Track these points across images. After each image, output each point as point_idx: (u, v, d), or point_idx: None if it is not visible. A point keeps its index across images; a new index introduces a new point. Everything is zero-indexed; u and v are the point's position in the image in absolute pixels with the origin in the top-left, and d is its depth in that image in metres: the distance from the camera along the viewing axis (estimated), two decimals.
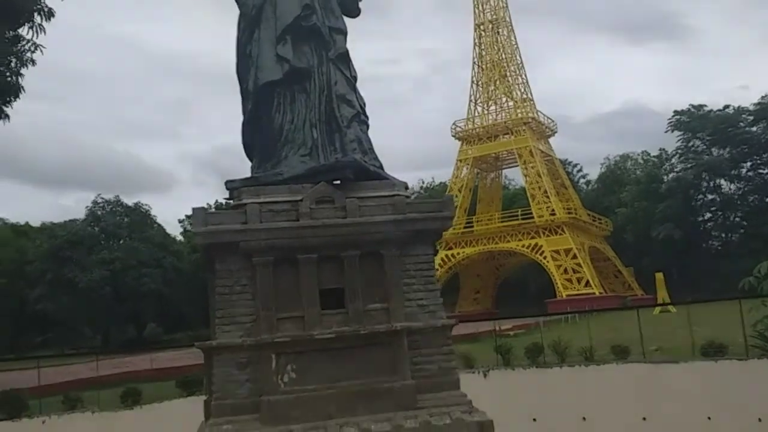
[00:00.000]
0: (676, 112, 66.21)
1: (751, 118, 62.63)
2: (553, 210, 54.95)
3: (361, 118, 8.88)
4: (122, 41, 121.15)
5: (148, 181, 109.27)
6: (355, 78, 9.05)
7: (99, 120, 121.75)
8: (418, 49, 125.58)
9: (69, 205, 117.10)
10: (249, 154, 9.01)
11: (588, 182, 78.85)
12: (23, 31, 17.46)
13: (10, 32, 17.50)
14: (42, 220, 62.11)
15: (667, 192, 61.32)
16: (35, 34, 17.26)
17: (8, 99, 18.26)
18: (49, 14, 17.34)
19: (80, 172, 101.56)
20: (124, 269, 50.12)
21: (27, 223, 63.95)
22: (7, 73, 18.03)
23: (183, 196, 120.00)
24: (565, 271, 52.40)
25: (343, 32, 8.97)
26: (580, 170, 79.48)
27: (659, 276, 42.33)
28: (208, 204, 70.54)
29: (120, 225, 54.34)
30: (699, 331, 19.70)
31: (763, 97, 62.55)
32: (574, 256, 52.44)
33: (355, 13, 9.38)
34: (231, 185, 8.78)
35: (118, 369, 22.45)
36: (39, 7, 17.04)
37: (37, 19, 17.20)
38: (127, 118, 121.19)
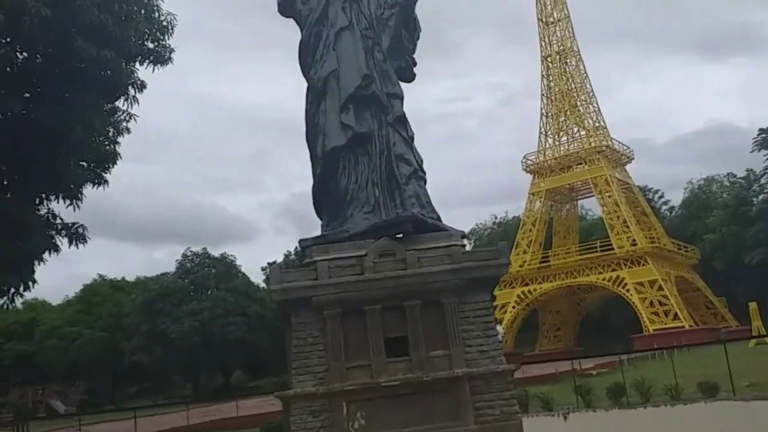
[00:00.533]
0: (761, 130, 63.12)
1: None
2: (634, 240, 53.30)
3: (418, 174, 9.54)
4: (205, 99, 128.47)
5: (232, 231, 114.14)
6: (411, 137, 9.74)
7: (185, 176, 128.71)
8: (485, 83, 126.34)
9: (160, 258, 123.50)
10: (319, 214, 9.81)
11: (671, 208, 75.98)
12: (119, 103, 19.14)
13: (108, 105, 19.26)
14: (136, 275, 66.08)
15: (757, 215, 58.19)
16: (130, 105, 18.87)
17: (107, 166, 19.93)
18: (142, 86, 18.96)
19: (169, 227, 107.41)
20: (211, 319, 52.45)
21: (123, 279, 68.12)
22: (106, 143, 19.69)
23: (265, 243, 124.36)
24: (651, 303, 50.45)
25: (400, 97, 9.72)
26: (661, 196, 76.80)
27: (753, 305, 40.25)
28: (288, 251, 72.72)
29: (208, 276, 57.08)
30: None
31: None
32: (660, 288, 50.47)
33: (410, 78, 10.15)
34: (303, 244, 9.60)
35: (206, 417, 23.59)
36: (132, 81, 18.69)
37: (131, 91, 18.80)
38: (210, 172, 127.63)
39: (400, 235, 8.98)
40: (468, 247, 9.90)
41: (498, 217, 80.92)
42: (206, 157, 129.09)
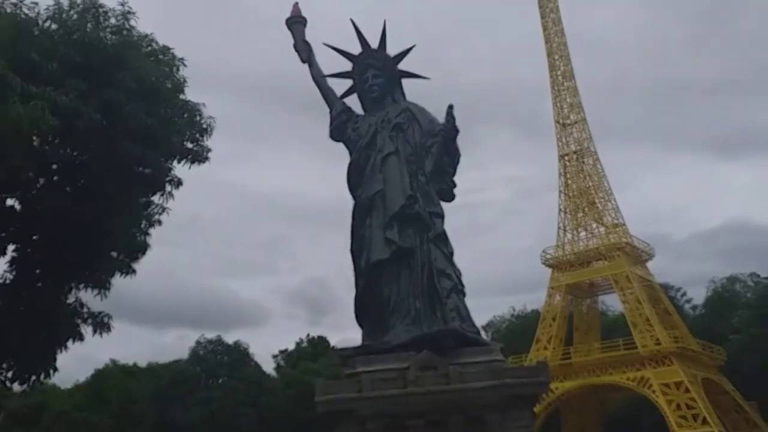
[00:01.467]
0: None
1: None
2: (657, 339, 52.27)
3: (458, 288, 9.98)
4: (228, 186, 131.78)
5: (243, 316, 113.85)
6: (452, 253, 10.27)
7: (203, 259, 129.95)
8: (503, 176, 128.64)
9: (170, 342, 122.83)
10: (360, 323, 10.21)
11: (694, 307, 74.81)
12: (155, 197, 19.70)
13: (143, 199, 19.84)
14: (146, 359, 65.57)
15: None
16: (165, 200, 19.38)
17: (137, 256, 20.33)
18: (179, 183, 19.61)
19: (181, 310, 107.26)
20: (222, 408, 51.60)
21: (135, 364, 67.66)
22: (138, 234, 20.14)
23: (275, 328, 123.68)
24: (678, 406, 48.77)
25: (441, 216, 10.38)
26: (684, 294, 75.73)
27: None
28: (300, 339, 72.23)
29: (220, 364, 56.69)
30: None
31: None
32: (687, 390, 48.94)
33: (450, 198, 10.86)
34: (344, 353, 9.95)
35: None
36: (170, 178, 19.40)
37: (168, 188, 19.41)
38: (227, 256, 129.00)
39: (449, 347, 9.29)
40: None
41: (516, 310, 79.95)
42: (224, 242, 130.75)
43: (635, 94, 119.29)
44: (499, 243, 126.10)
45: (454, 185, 10.85)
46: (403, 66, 11.43)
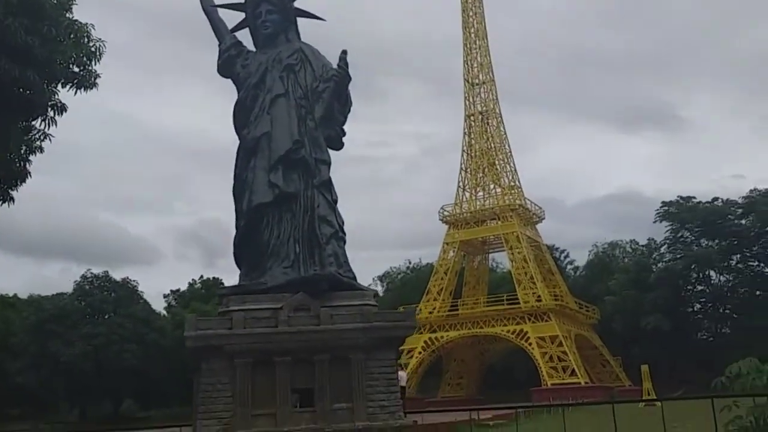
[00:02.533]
0: (663, 203, 67.65)
1: (740, 210, 63.77)
2: (539, 296, 55.58)
3: (339, 235, 10.22)
4: (122, 118, 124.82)
5: (134, 254, 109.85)
6: (335, 201, 10.45)
7: (92, 193, 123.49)
8: (411, 132, 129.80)
9: (52, 276, 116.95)
10: (239, 264, 10.26)
11: (576, 268, 79.81)
12: (36, 122, 18.76)
13: (23, 123, 18.86)
14: (27, 291, 62.64)
15: (656, 282, 61.66)
16: (47, 126, 18.51)
17: (15, 183, 19.39)
18: (62, 109, 18.68)
19: (64, 243, 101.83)
20: (106, 344, 50.50)
21: (15, 295, 64.45)
22: (17, 160, 19.19)
23: (167, 268, 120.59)
24: (551, 358, 52.47)
25: (327, 163, 10.47)
26: (567, 256, 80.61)
27: (645, 368, 42.52)
28: (192, 280, 71.10)
29: (106, 300, 55.16)
30: (677, 428, 20.19)
31: (751, 191, 64.20)
32: (560, 344, 52.65)
33: (338, 146, 10.94)
34: (220, 292, 10.04)
35: None
36: (53, 102, 18.44)
37: (50, 113, 18.48)
38: (120, 191, 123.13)
39: (319, 291, 9.58)
40: (380, 292, 10.65)
41: (412, 263, 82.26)
42: (116, 176, 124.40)
43: (546, 60, 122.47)
44: (403, 198, 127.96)
45: (344, 133, 10.94)
46: (304, 6, 11.25)
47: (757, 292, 61.70)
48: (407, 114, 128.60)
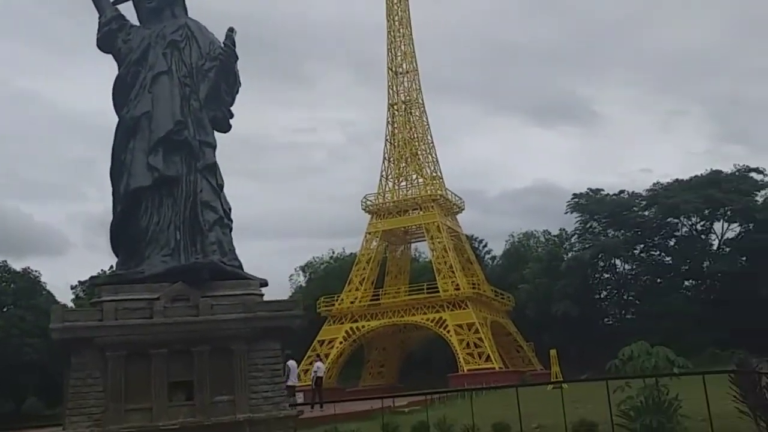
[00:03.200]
0: (575, 195, 70.54)
1: (644, 203, 67.54)
2: (457, 285, 56.72)
3: (224, 222, 9.81)
4: (30, 98, 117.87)
5: (40, 243, 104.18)
6: (221, 186, 10.02)
7: None
8: (337, 119, 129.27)
9: None
10: (116, 252, 9.69)
11: (493, 258, 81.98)
12: None
13: None
14: None
15: (565, 270, 64.37)
16: None
17: None
18: None
19: None
20: (5, 338, 47.78)
21: None
22: None
23: (76, 258, 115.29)
24: (467, 345, 53.73)
25: (212, 146, 10.01)
26: (486, 246, 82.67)
27: (553, 352, 44.21)
28: (102, 270, 68.42)
29: (5, 292, 52.22)
30: (580, 409, 20.97)
31: (654, 184, 68.08)
32: (476, 331, 53.96)
33: (225, 129, 10.48)
34: (95, 281, 9.43)
35: None
36: None
37: None
38: (23, 175, 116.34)
39: (204, 279, 9.15)
40: (302, 282, 10.29)
41: (335, 252, 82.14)
42: (20, 159, 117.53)
43: (468, 51, 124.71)
44: (328, 186, 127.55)
45: (231, 115, 10.50)
46: None
47: (658, 280, 65.45)
48: (334, 100, 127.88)
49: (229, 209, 10.11)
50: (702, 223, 64.97)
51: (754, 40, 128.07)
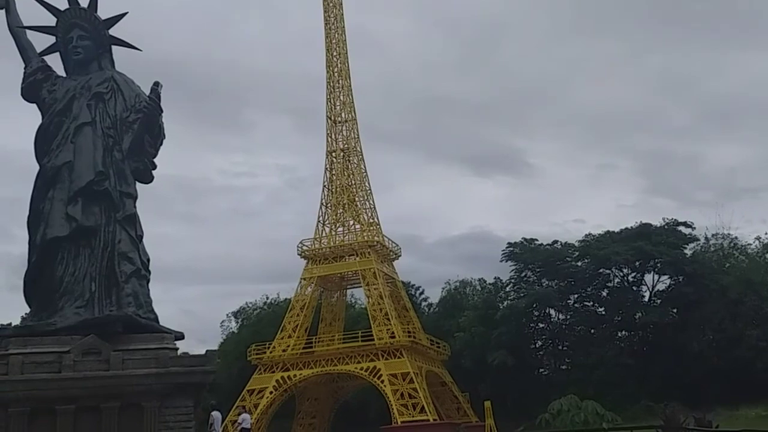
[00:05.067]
0: (509, 244, 71.88)
1: (576, 254, 69.16)
2: (393, 332, 56.46)
3: (141, 273, 9.72)
4: None
5: None
6: (140, 237, 9.96)
7: None
8: (276, 164, 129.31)
9: None
10: (29, 303, 9.43)
11: (430, 305, 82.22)
12: None
13: None
14: None
15: (501, 319, 64.72)
16: None
17: None
18: None
19: None
20: None
21: None
22: None
23: (2, 301, 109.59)
24: (402, 395, 53.18)
25: (133, 197, 10.00)
26: (422, 293, 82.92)
27: (487, 404, 44.31)
28: (25, 314, 65.21)
29: None
30: None
31: (586, 235, 70.18)
32: (411, 381, 53.54)
33: (147, 180, 10.50)
34: (2, 332, 9.12)
35: None
36: None
37: None
38: None
39: (118, 333, 9.00)
40: (234, 329, 10.06)
41: (269, 298, 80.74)
42: None
43: (406, 102, 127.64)
44: (265, 230, 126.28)
45: (154, 166, 10.53)
46: (116, 36, 10.69)
47: (591, 330, 66.74)
48: (272, 146, 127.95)
49: (148, 261, 10.04)
50: (633, 274, 66.75)
51: (677, 98, 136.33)
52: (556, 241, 71.23)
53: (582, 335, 67.15)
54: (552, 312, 69.40)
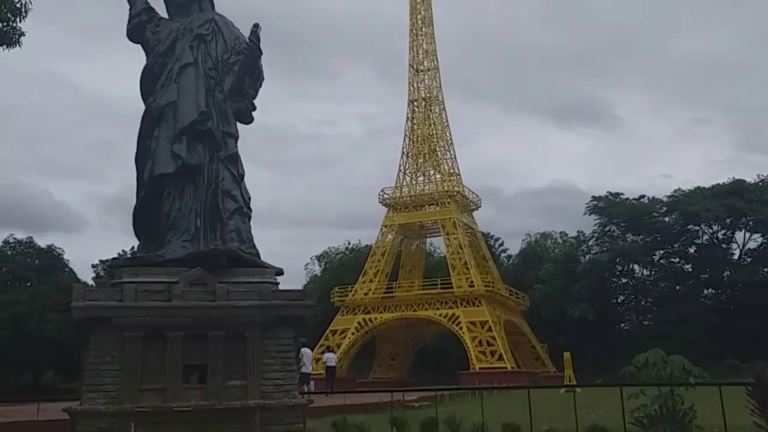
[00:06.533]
0: (594, 198, 69.95)
1: (664, 209, 66.71)
2: (472, 282, 56.71)
3: (243, 210, 10.03)
4: (56, 79, 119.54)
5: (59, 221, 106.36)
6: (242, 176, 10.24)
7: (16, 156, 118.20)
8: (357, 113, 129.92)
9: None
10: (138, 235, 9.97)
11: (509, 257, 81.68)
12: None
13: None
14: None
15: (582, 273, 63.84)
16: None
17: None
18: None
19: None
20: (27, 313, 48.82)
21: None
22: None
23: (94, 237, 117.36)
24: (480, 343, 53.74)
25: (235, 136, 10.24)
26: (501, 244, 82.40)
27: (567, 355, 43.94)
28: (123, 251, 69.92)
29: (30, 267, 53.27)
30: (592, 414, 20.83)
31: (675, 191, 67.26)
32: (489, 329, 53.94)
33: (248, 121, 10.70)
34: (115, 263, 9.72)
35: (2, 418, 21.95)
36: None
37: None
38: (47, 154, 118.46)
39: (222, 266, 9.38)
40: (317, 272, 10.38)
41: (351, 243, 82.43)
42: (44, 139, 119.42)
43: (489, 51, 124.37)
44: (346, 178, 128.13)
45: (254, 108, 10.71)
46: None
47: (677, 287, 64.71)
48: (356, 94, 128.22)
49: (249, 199, 10.33)
50: (723, 232, 64.05)
51: None
52: (642, 196, 68.72)
53: (666, 292, 65.35)
54: (636, 267, 67.69)
